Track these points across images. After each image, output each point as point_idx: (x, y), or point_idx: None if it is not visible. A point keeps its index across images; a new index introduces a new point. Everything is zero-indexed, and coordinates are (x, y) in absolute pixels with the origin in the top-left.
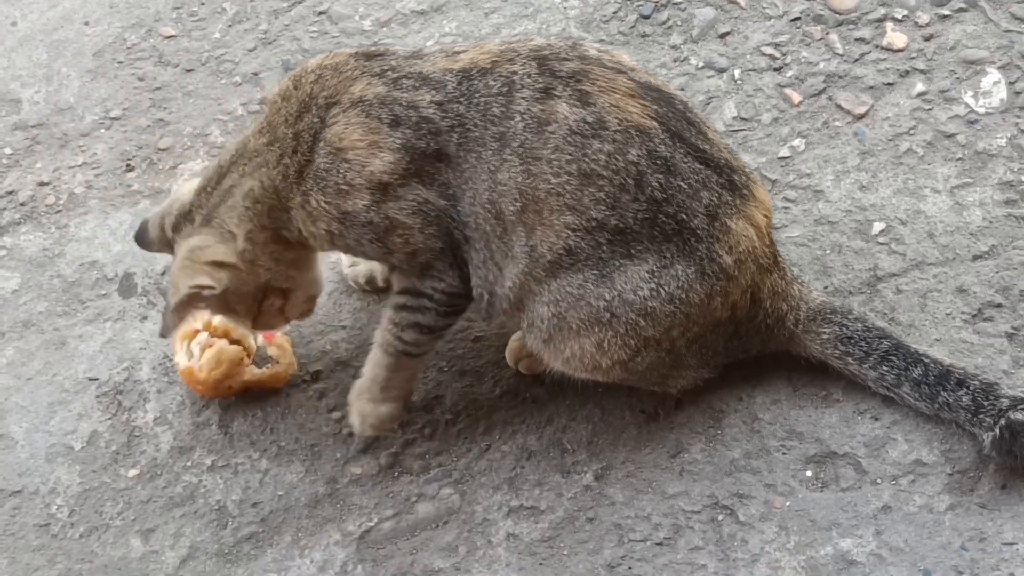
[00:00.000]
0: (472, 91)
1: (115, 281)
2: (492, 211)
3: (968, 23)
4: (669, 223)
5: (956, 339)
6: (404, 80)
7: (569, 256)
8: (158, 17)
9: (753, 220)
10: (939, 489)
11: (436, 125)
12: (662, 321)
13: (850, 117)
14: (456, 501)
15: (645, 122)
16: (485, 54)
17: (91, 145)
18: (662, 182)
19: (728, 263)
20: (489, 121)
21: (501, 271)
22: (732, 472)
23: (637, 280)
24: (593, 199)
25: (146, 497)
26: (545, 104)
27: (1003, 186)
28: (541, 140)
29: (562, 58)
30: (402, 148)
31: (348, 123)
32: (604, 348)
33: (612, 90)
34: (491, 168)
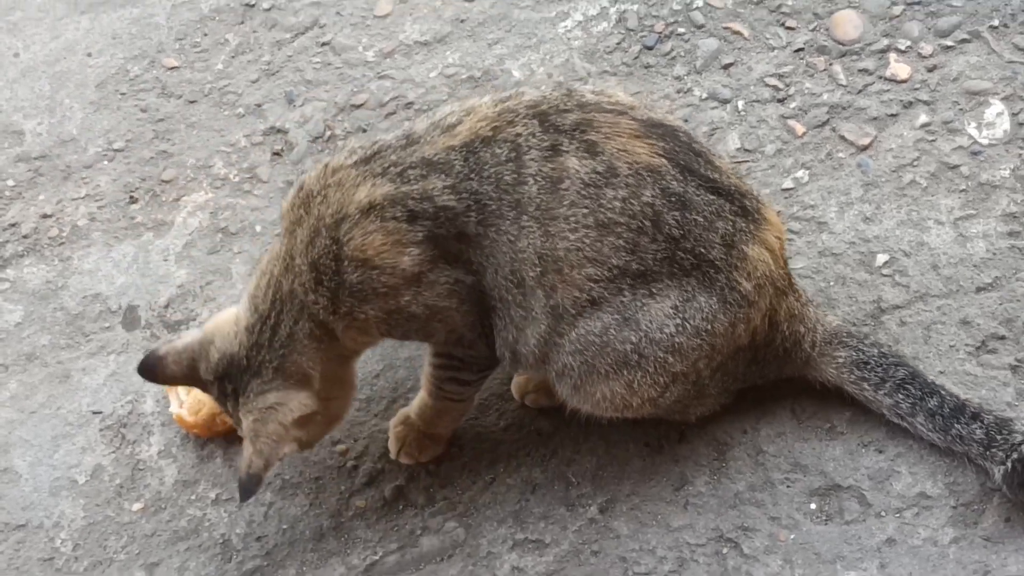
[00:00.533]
0: (481, 164)
1: (119, 314)
2: (514, 280)
3: (971, 54)
4: (688, 258)
5: (960, 371)
6: (409, 171)
7: (593, 306)
8: (161, 48)
9: (768, 244)
10: (943, 522)
11: (453, 210)
12: (689, 355)
13: (854, 148)
14: (461, 534)
15: (654, 161)
16: (483, 121)
17: (94, 177)
18: (678, 219)
19: (748, 289)
20: (503, 191)
21: (522, 332)
22: (736, 505)
23: (662, 318)
24: (613, 247)
25: (150, 531)
26: (555, 162)
27: (1007, 218)
28: (556, 199)
29: (562, 110)
30: (425, 239)
31: (365, 233)
32: (634, 388)
33: (617, 134)
34: (511, 239)
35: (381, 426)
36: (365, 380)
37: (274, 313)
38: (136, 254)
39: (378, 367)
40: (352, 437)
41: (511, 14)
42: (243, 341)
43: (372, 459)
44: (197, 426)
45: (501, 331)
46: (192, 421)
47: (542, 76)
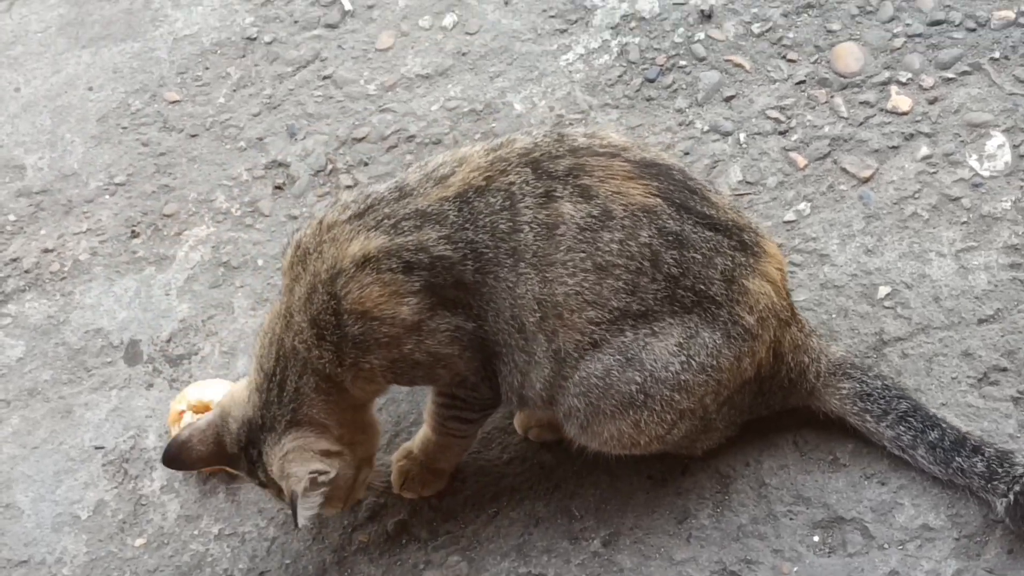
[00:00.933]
0: (476, 214)
1: (120, 348)
2: (515, 325)
3: (972, 86)
4: (688, 295)
5: (962, 403)
6: (403, 223)
7: (595, 348)
8: (162, 82)
9: (768, 276)
10: (946, 554)
11: (449, 259)
12: (696, 391)
13: (855, 181)
14: (464, 568)
15: (649, 201)
16: (475, 171)
17: (95, 211)
18: (676, 257)
19: (751, 323)
20: (499, 239)
21: (527, 376)
22: (739, 538)
23: (666, 356)
24: (612, 289)
25: (153, 566)
26: (549, 208)
27: (1008, 250)
28: (553, 245)
29: (554, 156)
30: (423, 289)
31: (362, 286)
32: (641, 427)
33: (611, 177)
34: (509, 285)
35: (384, 460)
36: None
37: (279, 370)
38: (138, 288)
39: (380, 401)
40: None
41: (512, 47)
42: (255, 402)
43: (374, 493)
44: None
45: (506, 376)
46: None
47: (544, 109)
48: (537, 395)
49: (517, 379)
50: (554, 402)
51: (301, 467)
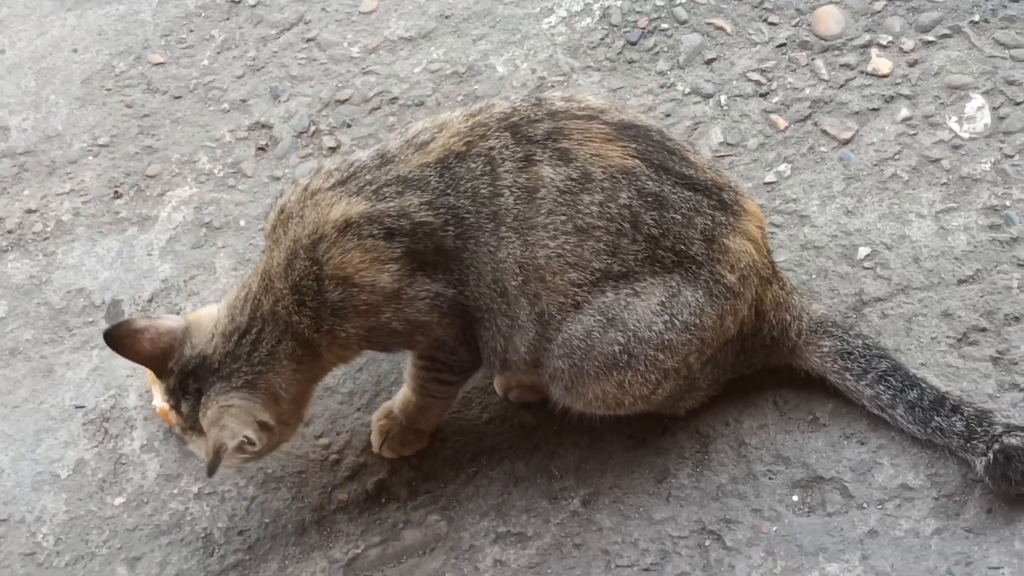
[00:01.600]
0: (457, 179)
1: (102, 308)
2: (496, 289)
3: (952, 49)
4: (669, 256)
5: (941, 363)
6: (384, 190)
7: (577, 310)
8: (146, 44)
9: (749, 235)
10: (925, 513)
11: (431, 225)
12: (680, 350)
13: (835, 142)
14: (443, 528)
15: (628, 163)
16: (455, 137)
17: (79, 172)
18: (656, 218)
19: (733, 281)
20: (480, 204)
21: (511, 340)
22: (719, 497)
23: (649, 316)
24: (593, 251)
25: (132, 525)
26: (529, 172)
27: (987, 211)
28: (533, 208)
29: (533, 121)
30: (403, 255)
31: (344, 251)
32: (625, 387)
33: (589, 140)
34: (490, 250)
35: (364, 420)
36: (348, 374)
37: (255, 329)
38: (120, 249)
39: (361, 361)
40: (335, 431)
41: (495, 10)
42: (218, 346)
43: (355, 453)
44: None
45: (488, 341)
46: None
47: (526, 71)
48: (521, 359)
49: (500, 344)
50: (539, 365)
51: (238, 427)
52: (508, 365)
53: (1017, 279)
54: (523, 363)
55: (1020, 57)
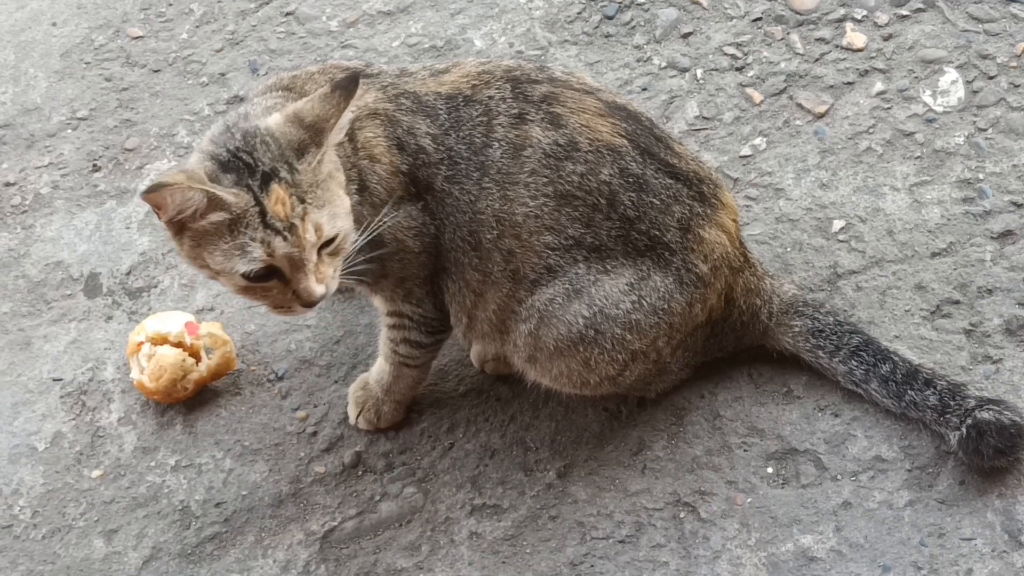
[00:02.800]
0: (459, 121)
1: (80, 281)
2: (471, 241)
3: (926, 23)
4: (642, 239)
5: (915, 335)
6: (403, 99)
7: (550, 273)
8: (125, 18)
9: (724, 227)
10: (898, 485)
11: (429, 156)
12: (648, 332)
13: (810, 116)
14: (419, 500)
15: (616, 140)
16: (465, 78)
17: (57, 145)
18: (634, 200)
19: (704, 271)
20: (472, 152)
21: (481, 296)
22: (694, 469)
23: (617, 294)
24: (569, 218)
25: (109, 498)
26: (520, 129)
27: (961, 184)
28: (517, 165)
29: (533, 80)
30: (408, 172)
31: (374, 134)
32: (591, 365)
33: (582, 111)
34: (471, 199)
35: (341, 392)
36: (325, 346)
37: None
38: (99, 222)
39: (339, 333)
40: (312, 403)
41: None
42: None
43: (332, 425)
44: (158, 392)
45: (456, 295)
46: (153, 387)
47: (504, 45)
48: (488, 318)
49: (470, 299)
50: (504, 329)
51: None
52: (474, 325)
53: (990, 252)
54: (488, 324)
55: (993, 31)
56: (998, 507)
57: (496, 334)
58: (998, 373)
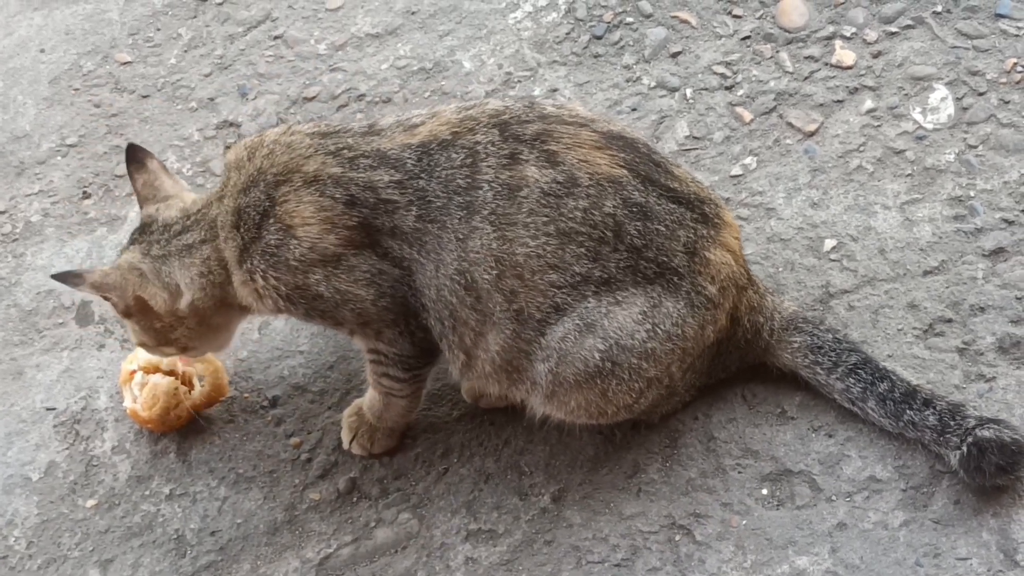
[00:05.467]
0: (433, 165)
1: (72, 310)
2: (461, 281)
3: (915, 40)
4: (651, 267)
5: (908, 354)
6: (361, 160)
7: (558, 312)
8: (114, 44)
9: (728, 246)
10: (893, 505)
11: (395, 204)
12: (663, 359)
13: (800, 135)
14: (414, 526)
15: (615, 172)
16: (444, 125)
17: (47, 173)
18: (640, 229)
19: (713, 293)
20: (453, 192)
21: (482, 336)
22: (689, 492)
23: (631, 325)
24: (575, 255)
25: (104, 527)
26: (513, 170)
27: (952, 201)
28: (514, 205)
29: (523, 121)
30: (358, 226)
31: (300, 201)
32: (609, 396)
33: (578, 145)
34: (459, 237)
35: (335, 418)
36: (319, 372)
37: (193, 222)
38: (90, 249)
39: (332, 359)
40: (306, 430)
41: (461, 5)
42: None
43: (326, 451)
44: (151, 421)
45: (448, 333)
46: (146, 416)
47: (492, 67)
48: (490, 358)
49: (469, 337)
50: (513, 371)
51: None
52: (473, 364)
53: (982, 269)
54: (492, 365)
55: (983, 47)
56: (993, 526)
57: (501, 374)
58: (991, 392)
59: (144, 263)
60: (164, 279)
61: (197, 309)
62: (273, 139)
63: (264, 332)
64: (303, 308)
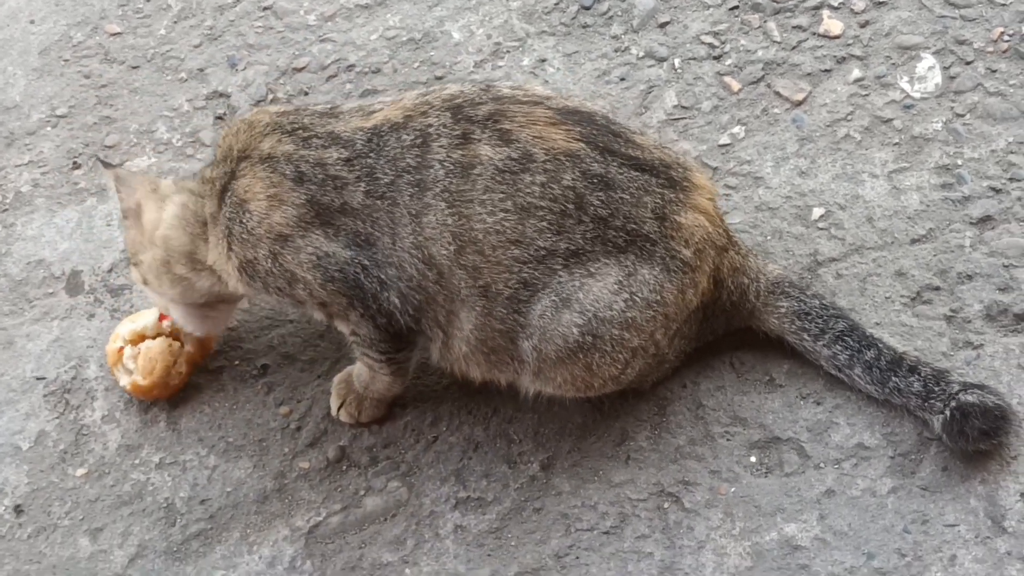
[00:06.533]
0: (382, 145)
1: (62, 279)
2: (419, 255)
3: (903, 9)
4: (620, 235)
5: (896, 322)
6: (314, 139)
7: (527, 288)
8: (103, 14)
9: (701, 208)
10: (881, 472)
11: (343, 180)
12: (644, 327)
13: (788, 104)
14: (404, 494)
15: (572, 146)
16: (398, 110)
17: (37, 143)
18: (603, 199)
19: (689, 256)
20: (402, 170)
21: (455, 315)
22: (677, 459)
23: (608, 296)
24: (536, 229)
25: (94, 496)
26: (465, 149)
27: (939, 170)
28: (468, 183)
29: (476, 103)
30: (306, 203)
31: (254, 176)
32: (594, 369)
33: (532, 123)
34: (411, 213)
35: (324, 387)
36: (308, 341)
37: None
38: (79, 219)
39: (322, 328)
40: (296, 398)
41: None
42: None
43: (315, 420)
44: (156, 386)
45: (424, 309)
46: (148, 383)
47: (481, 37)
48: (467, 336)
49: (442, 314)
50: (490, 351)
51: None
52: (451, 344)
53: (969, 237)
54: (467, 345)
55: (970, 16)
56: (981, 493)
57: (479, 355)
58: (979, 359)
59: (163, 184)
60: (163, 199)
61: (168, 245)
62: (243, 119)
63: (254, 302)
64: (260, 283)
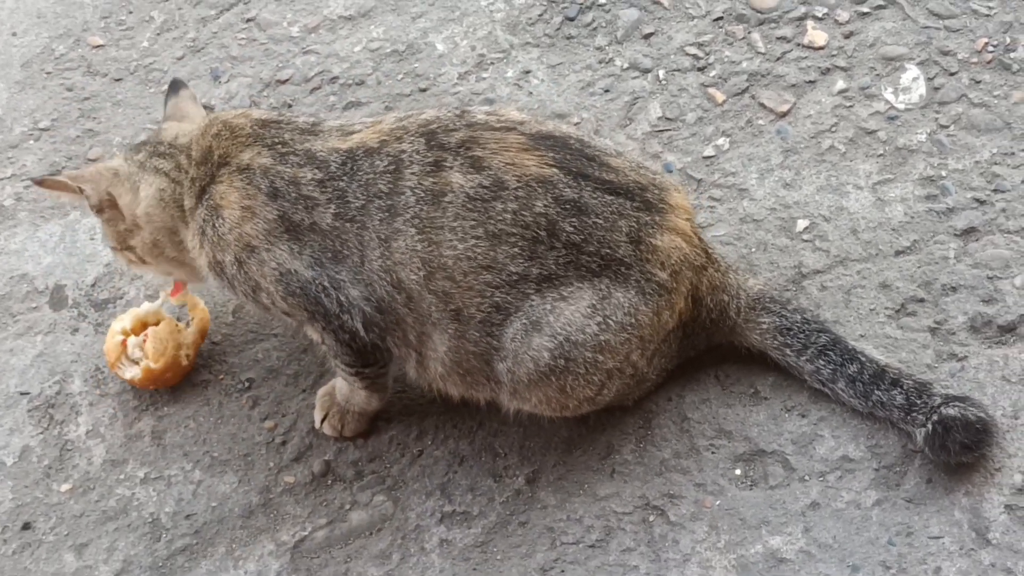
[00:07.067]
0: (356, 169)
1: (45, 294)
2: (388, 279)
3: (887, 20)
4: (594, 260)
5: (880, 334)
6: (291, 156)
7: (500, 312)
8: (86, 27)
9: (678, 229)
10: (866, 485)
11: (315, 201)
12: (619, 350)
13: (773, 115)
14: (389, 508)
15: (545, 171)
16: (375, 134)
17: (20, 156)
18: (576, 224)
19: (664, 278)
20: (374, 195)
21: (428, 336)
22: (662, 472)
23: (580, 319)
24: (508, 255)
25: (79, 511)
26: (437, 176)
27: (923, 181)
28: (439, 210)
29: (449, 129)
30: (278, 219)
31: (231, 185)
32: (568, 391)
33: (504, 149)
34: (381, 237)
35: (309, 401)
36: (293, 355)
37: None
38: (63, 233)
39: (306, 342)
40: (280, 412)
41: None
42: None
43: (300, 434)
44: (168, 369)
45: (392, 329)
46: (161, 366)
47: (465, 49)
48: (441, 358)
49: (413, 335)
50: (465, 372)
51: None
52: (425, 364)
53: (954, 249)
54: (441, 364)
55: (954, 27)
56: (965, 505)
57: (455, 376)
58: (963, 371)
59: (122, 165)
60: (132, 181)
61: (153, 224)
62: (228, 119)
63: (238, 315)
64: (227, 283)
